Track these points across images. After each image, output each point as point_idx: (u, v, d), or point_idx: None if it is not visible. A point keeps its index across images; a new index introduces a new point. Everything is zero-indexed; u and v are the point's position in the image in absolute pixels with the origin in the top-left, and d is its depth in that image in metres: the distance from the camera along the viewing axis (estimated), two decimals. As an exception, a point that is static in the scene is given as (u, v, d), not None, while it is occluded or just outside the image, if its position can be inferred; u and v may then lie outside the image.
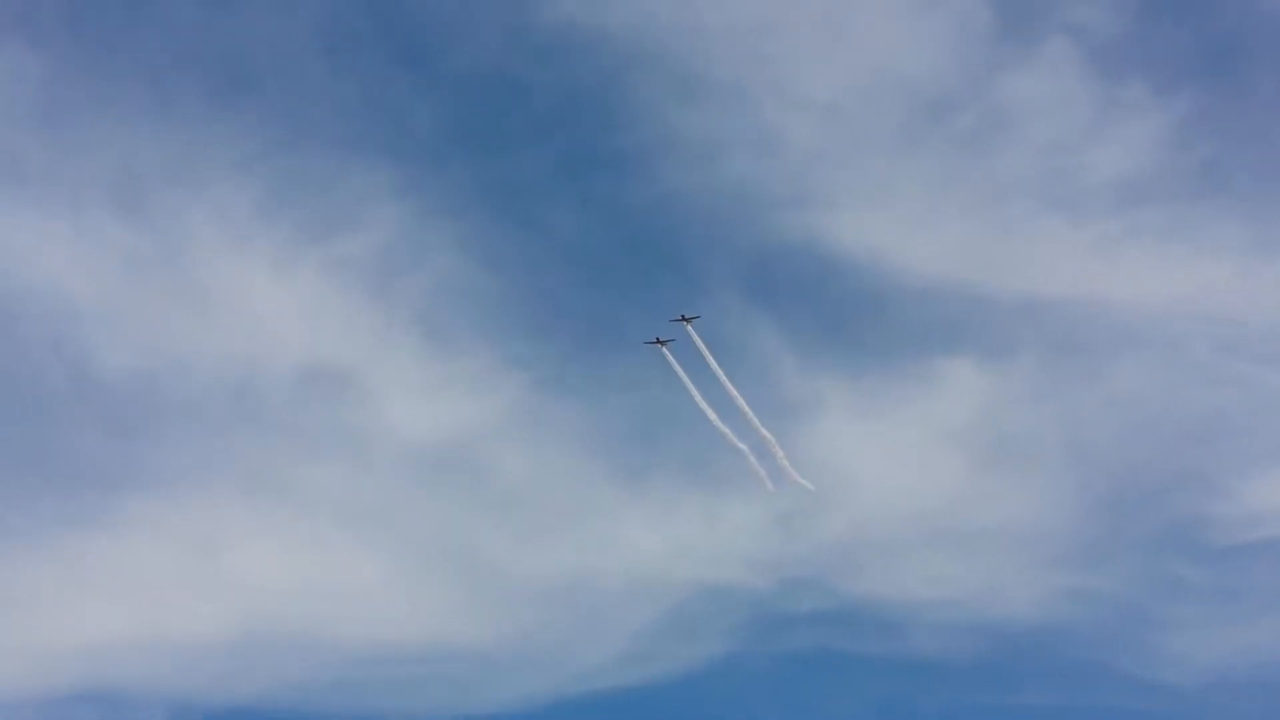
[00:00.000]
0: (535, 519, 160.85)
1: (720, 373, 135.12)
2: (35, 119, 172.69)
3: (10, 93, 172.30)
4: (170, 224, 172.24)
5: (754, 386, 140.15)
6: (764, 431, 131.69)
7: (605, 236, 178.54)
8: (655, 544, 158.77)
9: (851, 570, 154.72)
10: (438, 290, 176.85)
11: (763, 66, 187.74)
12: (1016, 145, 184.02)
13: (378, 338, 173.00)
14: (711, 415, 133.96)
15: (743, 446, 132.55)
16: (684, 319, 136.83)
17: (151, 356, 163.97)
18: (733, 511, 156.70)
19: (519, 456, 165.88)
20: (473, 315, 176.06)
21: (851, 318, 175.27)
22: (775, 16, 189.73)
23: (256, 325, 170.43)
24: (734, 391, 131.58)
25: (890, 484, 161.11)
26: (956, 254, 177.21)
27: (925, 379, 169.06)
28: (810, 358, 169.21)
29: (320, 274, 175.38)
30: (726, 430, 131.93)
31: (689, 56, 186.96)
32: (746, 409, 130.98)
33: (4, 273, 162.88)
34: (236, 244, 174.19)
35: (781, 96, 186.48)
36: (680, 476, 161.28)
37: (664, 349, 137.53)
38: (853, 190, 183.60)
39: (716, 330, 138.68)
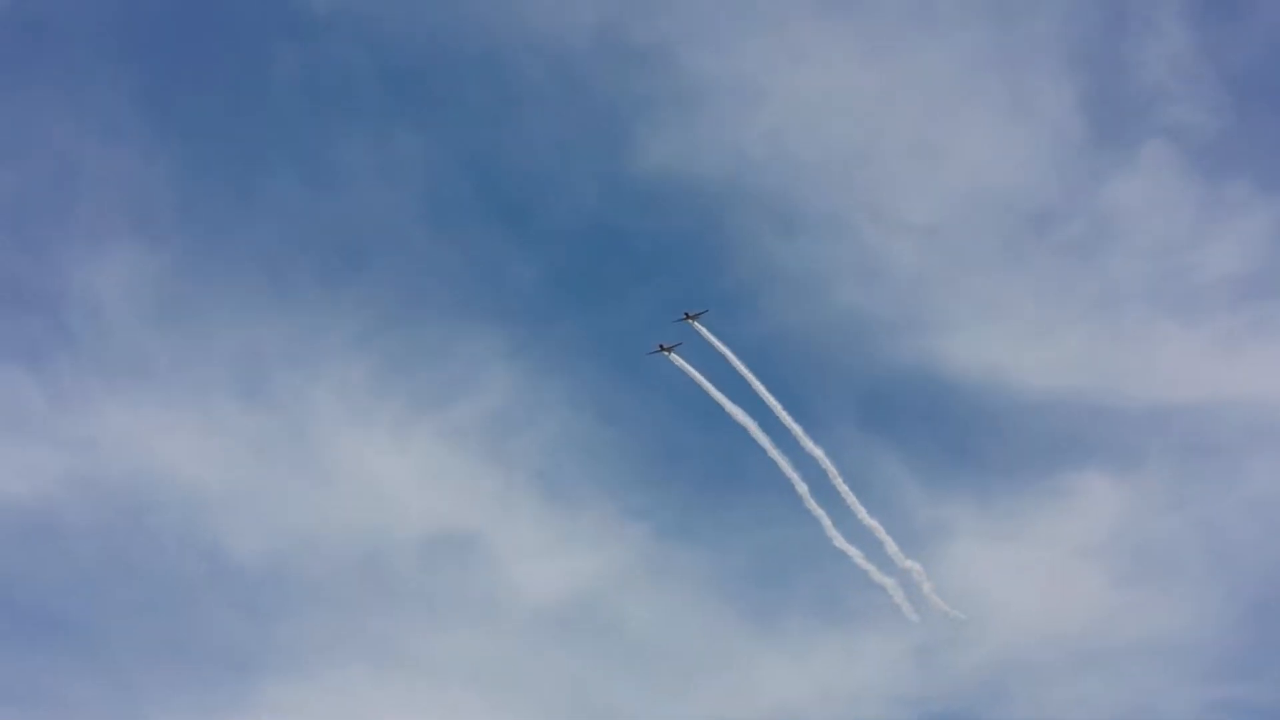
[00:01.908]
0: (668, 670, 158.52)
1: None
2: (157, 314, 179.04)
3: (133, 292, 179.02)
4: (291, 404, 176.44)
5: (880, 515, 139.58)
6: (907, 562, 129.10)
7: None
8: (792, 687, 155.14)
9: (998, 700, 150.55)
10: (553, 447, 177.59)
11: (859, 194, 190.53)
12: (1125, 250, 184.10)
13: (498, 500, 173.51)
14: (833, 533, 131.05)
15: (889, 580, 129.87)
16: (688, 316, 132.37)
17: (280, 537, 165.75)
18: (871, 647, 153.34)
19: (647, 608, 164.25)
20: (589, 469, 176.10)
21: (974, 438, 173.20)
22: (867, 144, 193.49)
23: (379, 497, 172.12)
24: (873, 523, 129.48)
25: (1030, 606, 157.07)
26: (1075, 364, 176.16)
27: (1056, 494, 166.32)
28: (936, 482, 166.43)
29: (438, 441, 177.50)
30: (871, 567, 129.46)
31: (784, 192, 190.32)
32: (887, 538, 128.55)
33: (136, 466, 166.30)
34: (355, 418, 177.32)
35: (881, 222, 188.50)
36: (813, 614, 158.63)
37: (671, 356, 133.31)
38: (962, 309, 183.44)
39: (838, 462, 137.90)
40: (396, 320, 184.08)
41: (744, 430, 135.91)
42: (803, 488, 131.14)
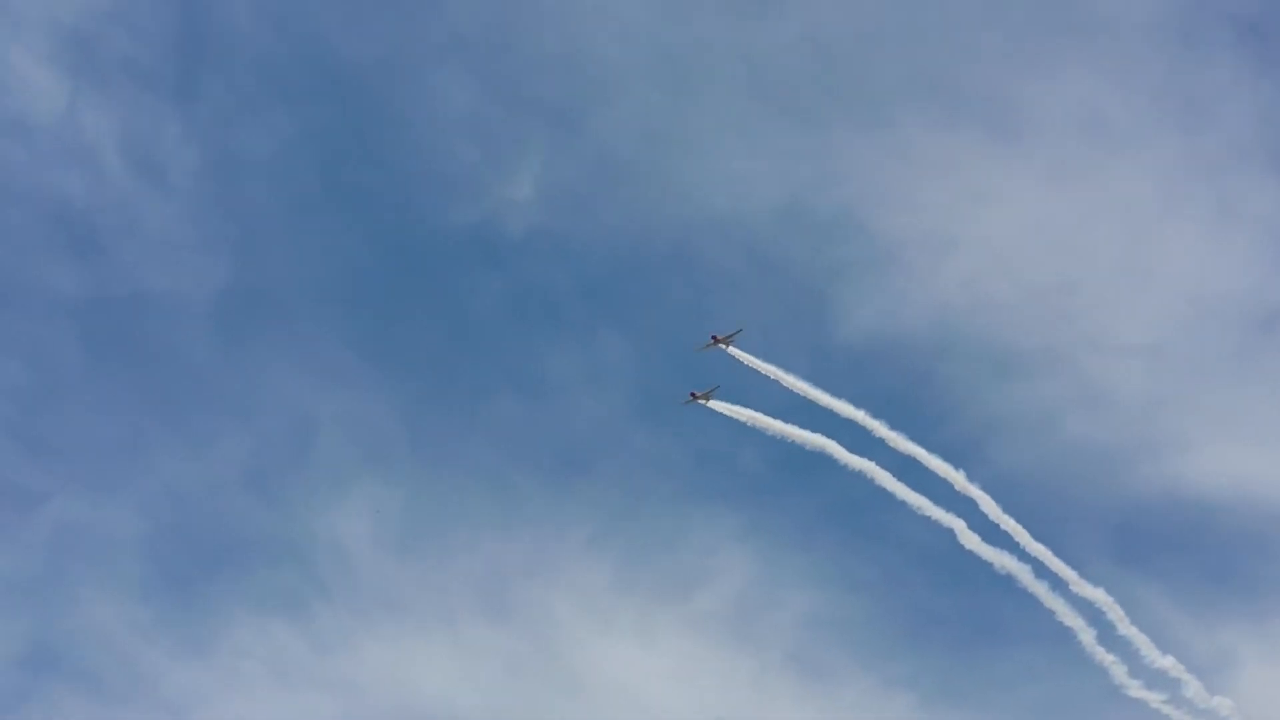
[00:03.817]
0: None
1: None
2: (399, 547, 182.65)
3: (375, 529, 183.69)
4: (536, 616, 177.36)
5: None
6: (1213, 699, 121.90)
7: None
8: None
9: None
10: (802, 625, 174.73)
11: (1073, 325, 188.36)
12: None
13: (753, 686, 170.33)
14: (1124, 680, 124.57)
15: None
16: (716, 341, 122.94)
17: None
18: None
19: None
20: (843, 643, 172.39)
21: (1238, 559, 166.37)
22: (1071, 274, 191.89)
23: (632, 698, 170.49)
24: (1167, 662, 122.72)
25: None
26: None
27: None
28: (1207, 610, 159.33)
29: (684, 633, 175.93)
30: (1177, 712, 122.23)
31: (995, 334, 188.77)
32: (1189, 677, 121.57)
33: (398, 700, 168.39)
34: (599, 622, 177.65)
35: (1100, 350, 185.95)
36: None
37: (708, 403, 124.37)
38: (1200, 425, 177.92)
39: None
40: (626, 516, 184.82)
41: (1002, 581, 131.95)
42: (1089, 634, 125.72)
